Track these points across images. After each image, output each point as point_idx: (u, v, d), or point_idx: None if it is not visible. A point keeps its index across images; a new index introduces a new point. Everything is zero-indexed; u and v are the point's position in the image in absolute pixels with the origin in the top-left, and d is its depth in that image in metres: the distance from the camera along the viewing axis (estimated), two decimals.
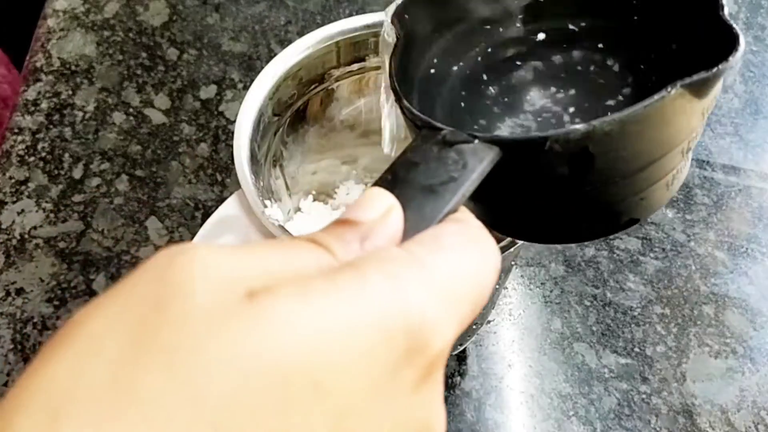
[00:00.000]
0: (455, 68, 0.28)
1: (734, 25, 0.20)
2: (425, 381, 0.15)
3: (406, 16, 0.26)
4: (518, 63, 0.28)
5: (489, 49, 0.29)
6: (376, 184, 0.18)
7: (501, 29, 0.29)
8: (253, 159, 0.32)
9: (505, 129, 0.26)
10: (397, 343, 0.14)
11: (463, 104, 0.27)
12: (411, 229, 0.17)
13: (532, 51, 0.28)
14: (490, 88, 0.28)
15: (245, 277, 0.13)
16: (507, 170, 0.20)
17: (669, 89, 0.19)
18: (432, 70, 0.27)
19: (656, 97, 0.18)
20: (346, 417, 0.13)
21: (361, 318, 0.13)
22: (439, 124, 0.20)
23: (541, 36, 0.28)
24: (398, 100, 0.23)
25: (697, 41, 0.23)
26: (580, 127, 0.19)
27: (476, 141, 0.19)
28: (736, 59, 0.19)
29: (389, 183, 0.18)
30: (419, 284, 0.15)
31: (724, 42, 0.20)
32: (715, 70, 0.19)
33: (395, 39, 0.26)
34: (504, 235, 0.24)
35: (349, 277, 0.14)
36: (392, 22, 0.26)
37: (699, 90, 0.19)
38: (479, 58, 0.28)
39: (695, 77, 0.19)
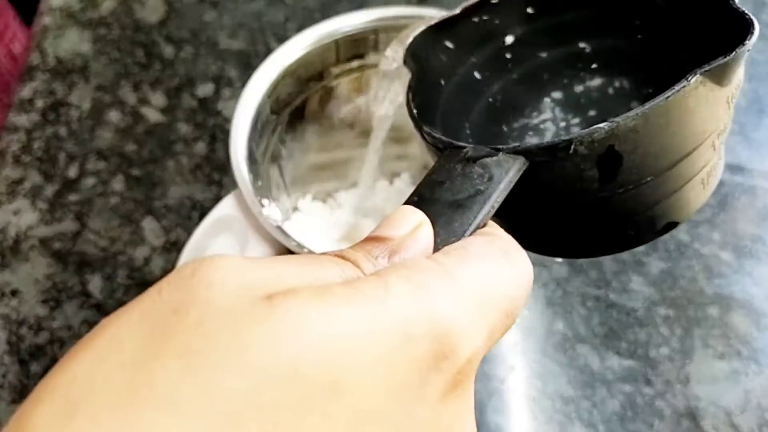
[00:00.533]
0: (475, 97, 0.28)
1: (746, 11, 0.20)
2: (454, 390, 0.14)
3: (420, 49, 0.26)
4: (534, 88, 0.28)
5: (505, 77, 0.29)
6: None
7: (514, 56, 0.29)
8: (251, 158, 0.31)
9: None
10: (421, 348, 0.13)
11: (486, 132, 0.28)
12: (441, 244, 0.17)
13: (546, 74, 0.29)
14: (509, 114, 0.28)
15: (266, 284, 0.14)
16: (534, 180, 0.19)
17: (689, 78, 0.18)
18: (452, 101, 0.27)
19: (677, 87, 0.18)
20: (366, 419, 0.13)
21: (383, 321, 0.13)
22: (461, 143, 0.20)
23: (551, 58, 0.28)
24: (418, 127, 0.23)
25: (709, 40, 0.22)
26: (603, 125, 0.18)
27: (500, 153, 0.19)
28: (752, 42, 0.19)
29: (416, 204, 0.18)
30: (445, 291, 0.14)
31: (738, 30, 0.20)
32: (732, 54, 0.19)
33: (409, 72, 0.26)
34: (537, 253, 0.24)
35: (371, 283, 0.14)
36: (406, 55, 0.26)
37: (719, 76, 0.19)
38: (496, 86, 0.28)
39: (714, 63, 0.19)
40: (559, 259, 0.44)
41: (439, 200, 0.18)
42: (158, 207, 0.45)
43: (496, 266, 0.16)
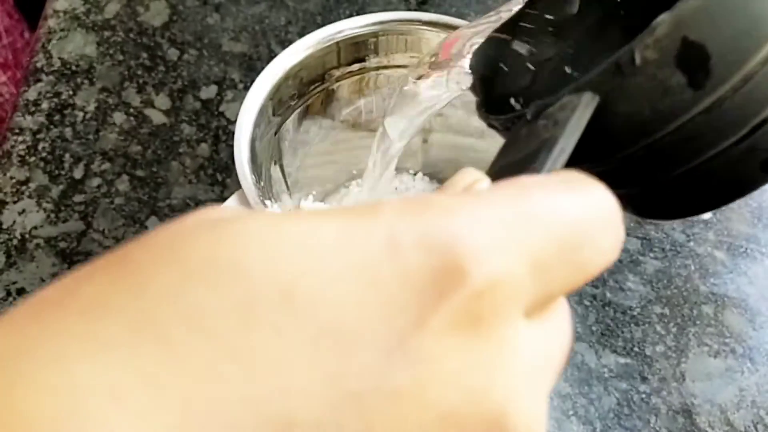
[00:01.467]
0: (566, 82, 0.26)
1: None
2: (474, 325, 0.11)
3: (487, 56, 0.25)
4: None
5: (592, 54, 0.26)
6: None
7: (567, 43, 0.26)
8: (254, 159, 0.32)
9: None
10: (413, 260, 0.10)
11: None
12: None
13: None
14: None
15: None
16: (619, 116, 0.16)
17: None
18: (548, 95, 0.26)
19: None
20: (336, 340, 0.10)
21: (359, 228, 0.11)
22: (523, 110, 0.18)
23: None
24: (485, 119, 0.22)
25: None
26: (663, 16, 0.15)
27: (562, 99, 0.16)
28: None
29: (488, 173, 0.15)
30: (457, 206, 0.11)
31: None
32: None
33: (474, 78, 0.25)
34: (670, 218, 0.20)
35: (361, 206, 0.11)
36: (472, 63, 0.25)
37: None
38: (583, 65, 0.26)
39: None
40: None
41: (507, 162, 0.16)
42: (162, 207, 0.46)
43: (547, 189, 0.12)
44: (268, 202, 0.32)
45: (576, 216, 0.12)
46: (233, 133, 0.32)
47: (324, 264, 0.10)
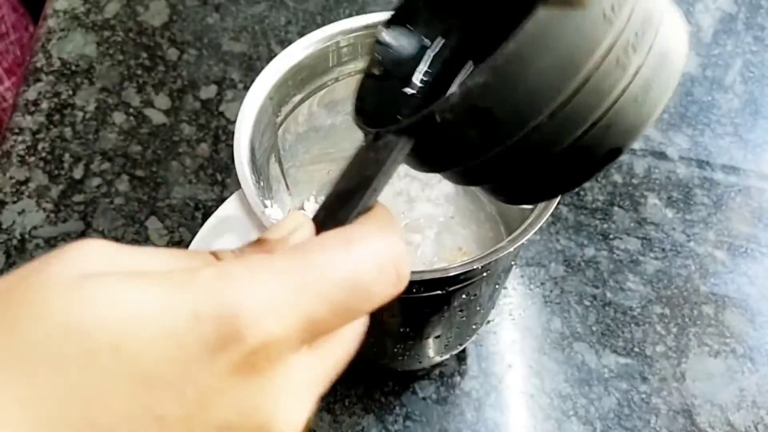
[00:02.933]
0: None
1: None
2: (250, 370, 0.15)
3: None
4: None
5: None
6: None
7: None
8: (254, 159, 0.32)
9: None
10: (206, 328, 0.15)
11: None
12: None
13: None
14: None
15: (113, 267, 0.15)
16: (435, 150, 0.20)
17: (531, 16, 0.17)
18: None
19: (520, 32, 0.17)
20: (150, 380, 0.14)
21: (175, 302, 0.15)
22: (370, 129, 0.21)
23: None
24: (356, 122, 0.23)
25: None
26: (455, 90, 0.18)
27: (384, 136, 0.20)
28: None
29: (326, 194, 0.19)
30: (249, 278, 0.15)
31: None
32: None
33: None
34: (516, 203, 0.24)
35: (183, 271, 0.15)
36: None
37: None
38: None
39: None
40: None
41: (335, 191, 0.19)
42: (162, 207, 0.46)
43: (327, 253, 0.16)
44: (267, 202, 0.32)
45: (347, 276, 0.16)
46: (233, 133, 0.32)
47: (146, 331, 0.14)
